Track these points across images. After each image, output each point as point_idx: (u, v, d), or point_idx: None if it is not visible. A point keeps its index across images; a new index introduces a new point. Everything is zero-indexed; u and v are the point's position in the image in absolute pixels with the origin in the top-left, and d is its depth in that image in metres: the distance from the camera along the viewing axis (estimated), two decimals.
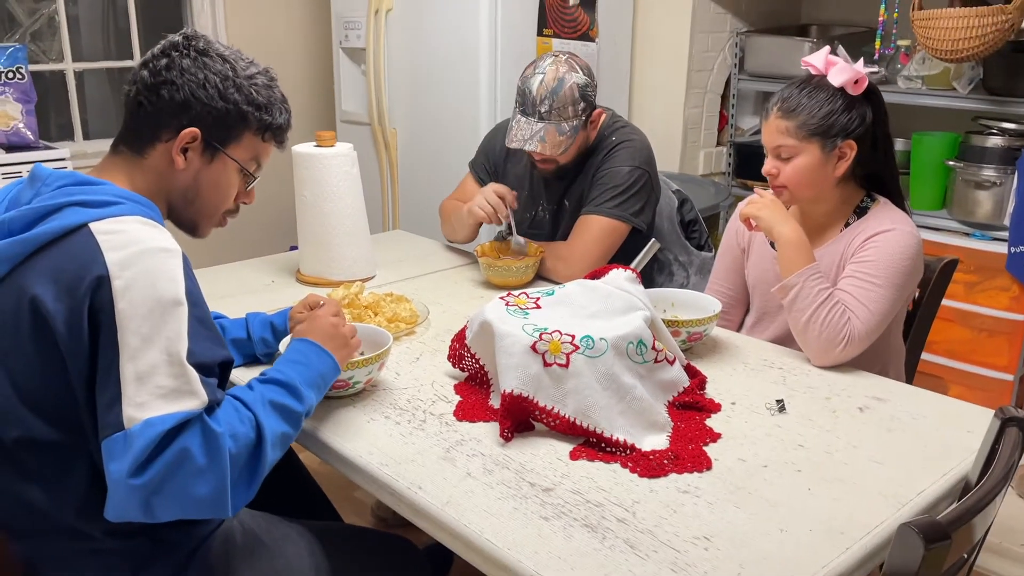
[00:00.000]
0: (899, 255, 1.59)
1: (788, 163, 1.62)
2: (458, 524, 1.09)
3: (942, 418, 1.39)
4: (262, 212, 3.73)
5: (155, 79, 1.19)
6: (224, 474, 1.03)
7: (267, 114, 1.26)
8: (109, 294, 1.02)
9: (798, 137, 1.59)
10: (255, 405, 1.12)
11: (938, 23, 2.56)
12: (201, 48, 1.21)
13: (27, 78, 2.94)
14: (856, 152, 1.60)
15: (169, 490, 1.00)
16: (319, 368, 1.25)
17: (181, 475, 1.00)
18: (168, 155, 1.21)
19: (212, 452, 1.02)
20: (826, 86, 1.60)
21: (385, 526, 2.29)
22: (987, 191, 2.72)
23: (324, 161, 1.96)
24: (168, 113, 1.20)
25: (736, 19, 3.42)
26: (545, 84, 1.92)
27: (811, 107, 1.58)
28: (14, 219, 1.09)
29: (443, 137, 3.18)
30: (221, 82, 1.21)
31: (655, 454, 1.25)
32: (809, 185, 1.63)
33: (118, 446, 0.99)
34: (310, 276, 2.05)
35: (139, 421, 0.99)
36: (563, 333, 1.32)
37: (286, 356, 1.26)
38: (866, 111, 1.61)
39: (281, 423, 1.14)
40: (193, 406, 1.03)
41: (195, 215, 1.28)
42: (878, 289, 1.57)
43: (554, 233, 2.17)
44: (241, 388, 1.16)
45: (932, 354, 2.76)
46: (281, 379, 1.18)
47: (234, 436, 1.06)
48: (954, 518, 0.91)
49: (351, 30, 3.41)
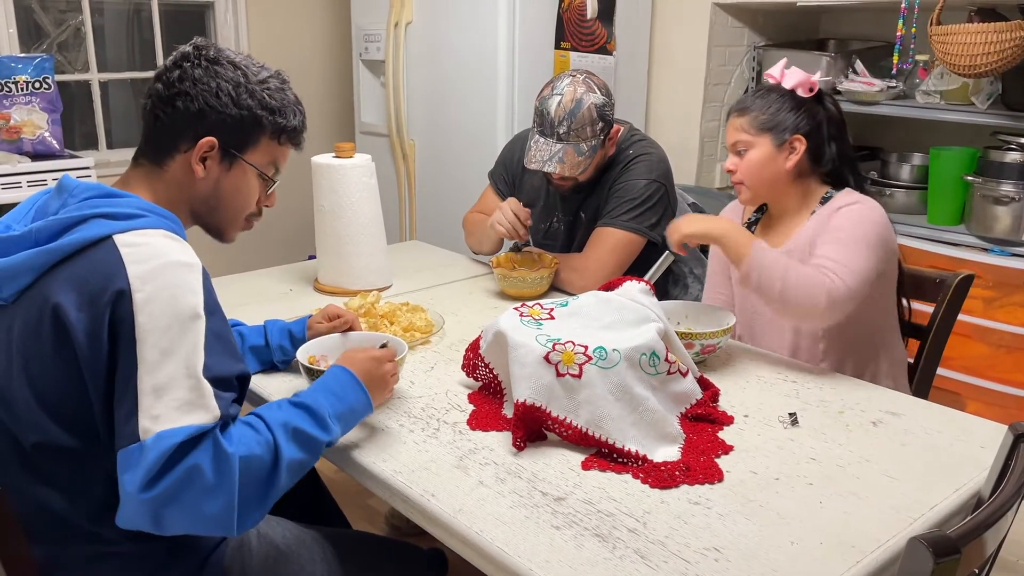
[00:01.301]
0: (867, 218, 1.65)
1: (743, 158, 1.73)
2: (470, 532, 1.10)
3: (956, 433, 1.39)
4: (281, 222, 3.77)
5: (169, 91, 1.21)
6: (232, 494, 1.03)
7: (281, 117, 1.27)
8: (129, 307, 1.04)
9: (751, 132, 1.72)
10: (277, 429, 1.11)
11: (956, 38, 2.55)
12: (212, 57, 1.23)
13: (53, 88, 2.99)
14: (806, 147, 1.70)
15: (178, 505, 1.01)
16: (352, 403, 1.24)
17: (190, 491, 1.01)
18: (187, 165, 1.23)
19: (222, 471, 1.03)
20: (779, 89, 1.73)
21: (399, 534, 2.30)
22: (1005, 206, 2.70)
23: (342, 172, 1.99)
24: (184, 124, 1.21)
25: (753, 33, 3.43)
26: (563, 106, 1.93)
27: (762, 105, 1.72)
28: (40, 229, 1.11)
29: (461, 149, 3.20)
30: (234, 89, 1.22)
31: (667, 465, 1.26)
32: (763, 177, 1.73)
33: (133, 458, 1.01)
34: (328, 285, 2.07)
35: (153, 433, 1.01)
36: (576, 344, 1.33)
37: (324, 382, 1.25)
38: (817, 111, 1.72)
39: (299, 451, 1.13)
40: (205, 420, 1.04)
41: (219, 221, 1.30)
42: (851, 245, 1.60)
43: (569, 244, 2.18)
44: (268, 407, 1.16)
45: (949, 370, 2.75)
46: (312, 406, 1.17)
47: (247, 458, 1.06)
48: (964, 532, 0.91)
49: (371, 42, 3.45)
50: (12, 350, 1.09)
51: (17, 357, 1.09)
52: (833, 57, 3.11)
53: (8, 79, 2.89)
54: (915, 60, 2.97)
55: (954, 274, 1.86)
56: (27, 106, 2.92)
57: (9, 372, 1.10)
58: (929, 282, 1.89)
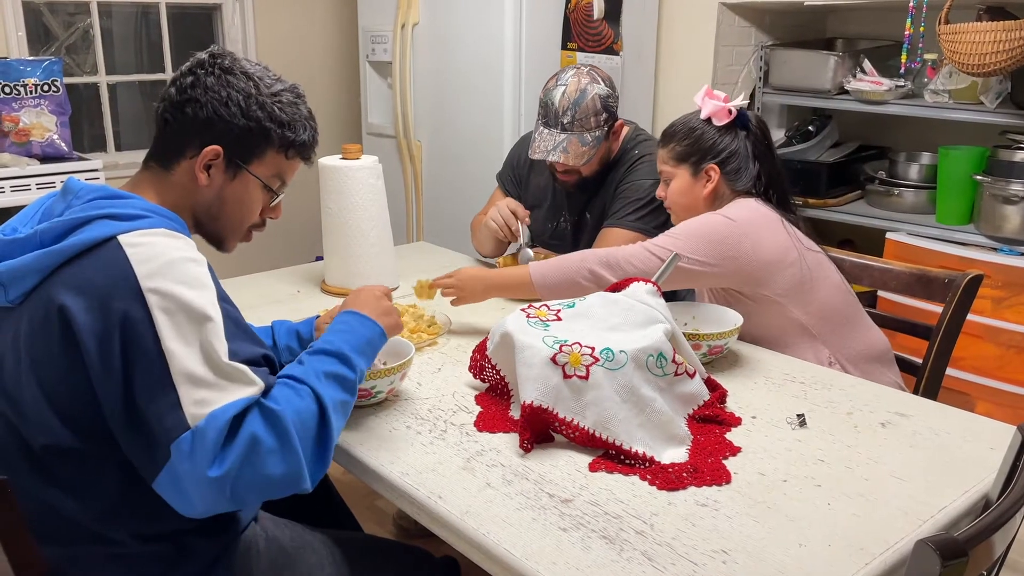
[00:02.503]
0: (701, 220, 1.72)
1: (669, 187, 1.83)
2: (477, 533, 1.10)
3: (965, 434, 1.38)
4: (289, 223, 3.77)
5: (180, 96, 1.22)
6: (296, 451, 1.05)
7: (290, 131, 1.27)
8: (143, 306, 1.04)
9: (669, 163, 1.81)
10: (309, 378, 1.13)
11: (965, 37, 2.54)
12: (226, 66, 1.23)
13: (62, 91, 3.01)
14: (720, 174, 1.77)
15: (248, 475, 1.03)
16: (365, 334, 1.26)
17: (256, 460, 1.03)
18: (192, 171, 1.23)
19: (279, 432, 1.05)
20: (689, 120, 1.81)
21: (407, 536, 2.30)
22: (1015, 206, 2.69)
23: (349, 173, 1.99)
24: (192, 130, 1.22)
25: (761, 33, 3.42)
26: (567, 95, 1.93)
27: (679, 136, 1.80)
28: (46, 231, 1.11)
29: (467, 150, 3.20)
30: (244, 100, 1.22)
31: (674, 467, 1.26)
32: (684, 204, 1.81)
33: (187, 445, 1.01)
34: (335, 286, 2.07)
35: (203, 417, 1.02)
36: (583, 345, 1.33)
37: (331, 327, 1.27)
38: (734, 136, 1.78)
39: (339, 391, 1.15)
40: (251, 392, 1.06)
41: (220, 230, 1.30)
42: (664, 235, 1.71)
43: (575, 245, 2.18)
44: (292, 366, 1.17)
45: (958, 370, 2.74)
46: (330, 349, 1.20)
47: (296, 411, 1.08)
48: (972, 535, 0.90)
49: (378, 44, 3.46)
50: (20, 352, 1.10)
51: (25, 359, 1.09)
52: (841, 56, 3.10)
53: (17, 82, 2.91)
54: (923, 59, 2.96)
55: (963, 274, 1.86)
56: (36, 109, 2.94)
57: (17, 373, 1.10)
58: (938, 282, 1.89)
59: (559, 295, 1.67)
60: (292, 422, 1.06)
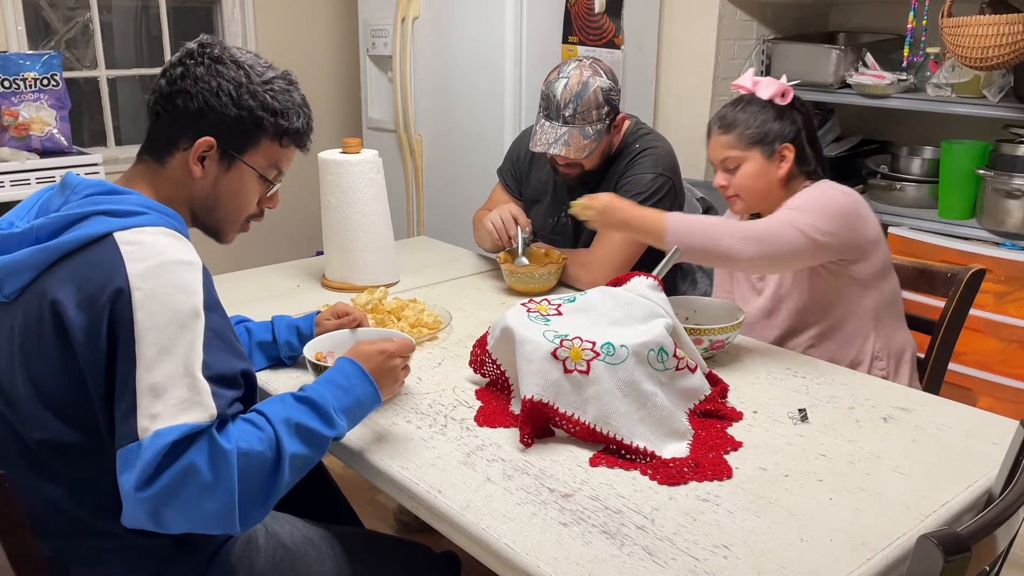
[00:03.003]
0: (819, 193, 1.70)
1: (735, 173, 1.76)
2: (477, 528, 1.10)
3: (967, 429, 1.38)
4: (289, 218, 3.77)
5: (170, 88, 1.20)
6: (232, 492, 1.02)
7: (283, 119, 1.25)
8: (128, 305, 1.03)
9: (739, 147, 1.74)
10: (279, 425, 1.09)
11: (968, 30, 2.53)
12: (215, 55, 1.21)
13: (61, 85, 3.00)
14: (794, 153, 1.74)
15: (176, 503, 1.00)
16: (359, 396, 1.21)
17: (188, 490, 1.00)
18: (186, 164, 1.21)
19: (219, 469, 1.01)
20: (756, 100, 1.76)
21: (407, 530, 2.30)
22: (1018, 200, 2.68)
23: (349, 167, 1.98)
24: (184, 122, 1.20)
25: (763, 26, 3.41)
26: (569, 88, 1.92)
27: (746, 119, 1.74)
28: (42, 226, 1.11)
29: (468, 144, 3.19)
30: (235, 89, 1.20)
31: (675, 462, 1.25)
32: (758, 189, 1.75)
33: (130, 457, 1.00)
34: (335, 281, 2.07)
35: (151, 432, 1.00)
36: (584, 340, 1.32)
37: (330, 376, 1.22)
38: (796, 116, 1.76)
39: (303, 447, 1.11)
40: (201, 418, 1.02)
41: (217, 222, 1.29)
42: (789, 211, 1.66)
43: (576, 240, 2.18)
44: (271, 402, 1.14)
45: (960, 365, 2.73)
46: (317, 401, 1.15)
47: (247, 454, 1.04)
48: (975, 530, 0.90)
49: (378, 38, 3.44)
50: (15, 347, 1.09)
51: (19, 354, 1.09)
52: (843, 50, 3.09)
53: (16, 76, 2.90)
54: (926, 53, 2.95)
55: (965, 268, 1.85)
56: (35, 103, 2.93)
57: (12, 369, 1.10)
58: (940, 276, 1.88)
59: (693, 256, 1.64)
60: (238, 464, 1.02)
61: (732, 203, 1.80)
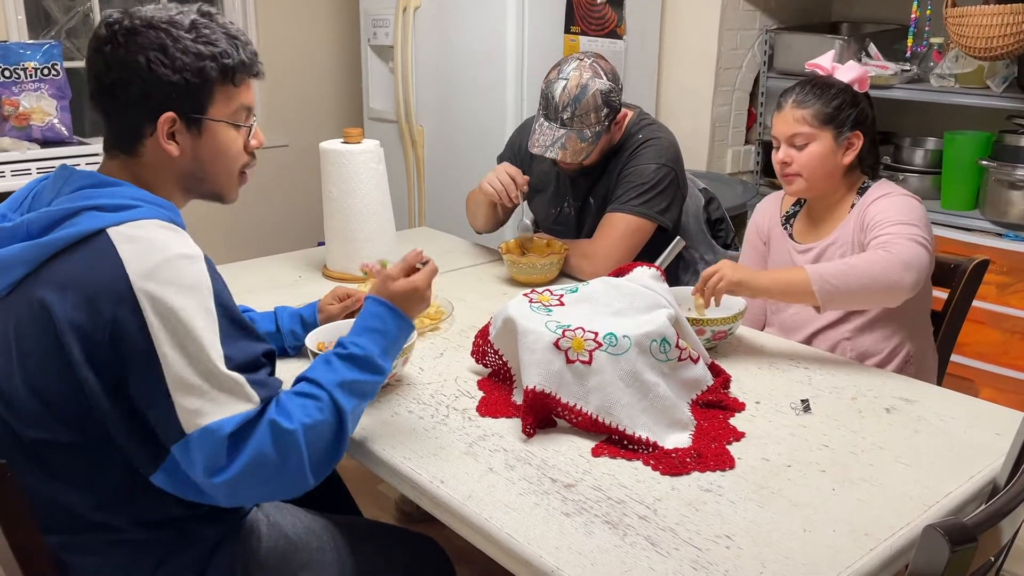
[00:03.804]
0: (904, 203, 1.67)
1: (802, 151, 1.71)
2: (479, 518, 1.10)
3: (971, 420, 1.37)
4: (290, 208, 3.77)
5: (102, 83, 1.12)
6: (302, 464, 1.08)
7: (225, 58, 1.15)
8: (136, 308, 1.02)
9: (813, 125, 1.70)
10: (333, 389, 1.13)
11: (972, 20, 2.52)
12: (129, 28, 1.11)
13: (62, 75, 2.99)
14: (862, 143, 1.71)
15: (251, 484, 1.06)
16: (395, 335, 1.24)
17: (260, 473, 1.05)
18: (159, 146, 1.15)
19: (287, 449, 1.06)
20: (835, 83, 1.72)
21: (409, 520, 2.30)
22: (1021, 191, 2.67)
23: (351, 157, 1.98)
24: (135, 109, 1.13)
25: (765, 16, 3.39)
26: (568, 91, 1.91)
27: (825, 98, 1.70)
28: (32, 221, 1.08)
29: (470, 135, 3.18)
30: (164, 55, 1.11)
31: (678, 452, 1.25)
32: (821, 172, 1.72)
33: (185, 452, 1.04)
34: (336, 271, 2.06)
35: (198, 427, 1.03)
36: (586, 330, 1.32)
37: (366, 324, 1.22)
38: (868, 109, 1.73)
39: (358, 400, 1.16)
40: (247, 407, 1.06)
41: (213, 187, 1.23)
42: (900, 226, 1.60)
43: (579, 231, 2.17)
44: (319, 367, 1.16)
45: (963, 356, 2.72)
46: (362, 355, 1.18)
47: (312, 427, 1.09)
48: (981, 520, 0.90)
49: (379, 27, 3.43)
50: (10, 345, 1.08)
51: (15, 352, 1.07)
52: (846, 40, 3.08)
53: (17, 66, 2.89)
54: (930, 43, 2.93)
55: (968, 259, 1.85)
56: (36, 93, 2.92)
57: (9, 368, 1.08)
58: (943, 268, 1.87)
59: (852, 301, 1.60)
60: (304, 439, 1.08)
61: (789, 181, 1.75)
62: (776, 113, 1.76)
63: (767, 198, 1.97)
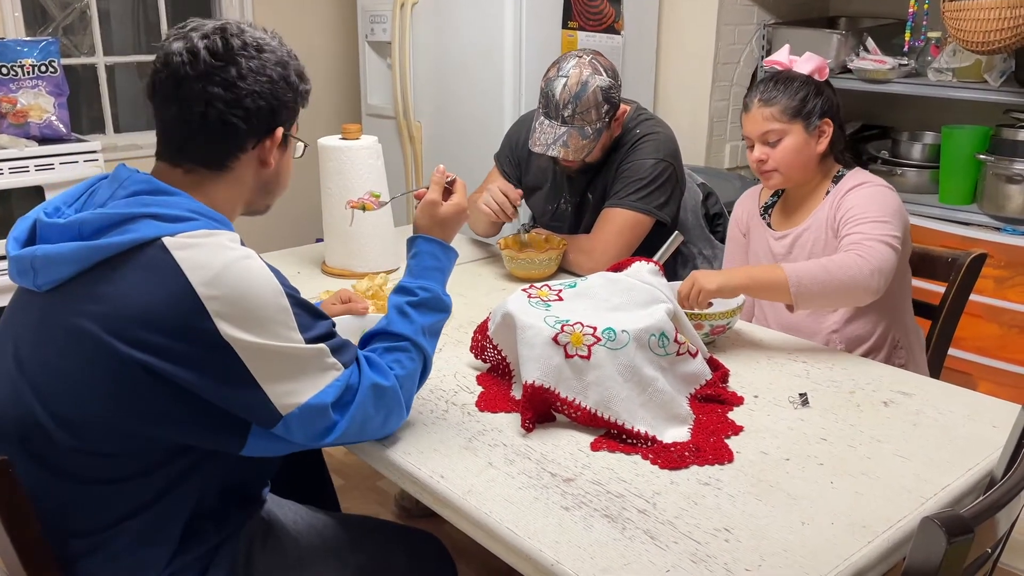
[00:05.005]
0: (878, 195, 1.69)
1: (776, 147, 1.75)
2: (479, 513, 1.10)
3: (968, 413, 1.38)
4: (289, 205, 3.75)
5: (233, 93, 1.11)
6: (402, 409, 1.21)
7: (304, 82, 1.21)
8: (208, 317, 1.02)
9: (782, 120, 1.74)
10: (418, 337, 1.23)
11: (970, 14, 2.52)
12: (251, 42, 1.13)
13: (59, 72, 2.98)
14: (832, 129, 1.75)
15: (354, 437, 1.16)
16: (449, 268, 1.32)
17: (368, 428, 1.17)
18: (253, 162, 1.17)
19: (389, 404, 1.18)
20: (796, 76, 1.76)
21: (409, 516, 2.30)
22: (1018, 185, 2.67)
23: (349, 154, 1.98)
24: (257, 122, 1.14)
25: (763, 11, 3.39)
26: (568, 89, 1.91)
27: (789, 92, 1.74)
28: (85, 222, 1.06)
29: (468, 131, 3.18)
30: (283, 70, 1.15)
31: (676, 446, 1.25)
32: (798, 163, 1.75)
33: (286, 430, 1.09)
34: (335, 268, 2.07)
35: (295, 407, 1.08)
36: (585, 325, 1.32)
37: (423, 263, 1.29)
38: (831, 95, 1.77)
39: (436, 337, 1.28)
40: (337, 375, 1.12)
41: (272, 199, 1.26)
42: (874, 224, 1.63)
43: (576, 226, 2.17)
44: (399, 321, 1.23)
45: (960, 350, 2.73)
46: (429, 297, 1.26)
47: (406, 377, 1.20)
48: (977, 512, 0.90)
49: (377, 23, 3.43)
50: (43, 339, 1.07)
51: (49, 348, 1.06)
52: (844, 35, 3.08)
53: (14, 63, 2.88)
54: (927, 37, 2.93)
55: (966, 253, 1.85)
56: (33, 90, 2.91)
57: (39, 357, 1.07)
58: (941, 261, 1.88)
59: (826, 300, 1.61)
60: (404, 389, 1.19)
61: (768, 177, 1.78)
62: (744, 114, 1.80)
63: (746, 193, 1.99)
